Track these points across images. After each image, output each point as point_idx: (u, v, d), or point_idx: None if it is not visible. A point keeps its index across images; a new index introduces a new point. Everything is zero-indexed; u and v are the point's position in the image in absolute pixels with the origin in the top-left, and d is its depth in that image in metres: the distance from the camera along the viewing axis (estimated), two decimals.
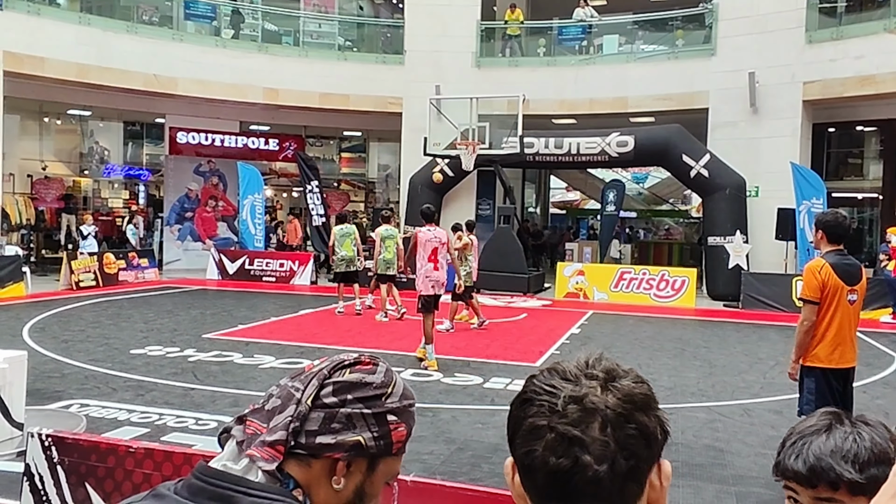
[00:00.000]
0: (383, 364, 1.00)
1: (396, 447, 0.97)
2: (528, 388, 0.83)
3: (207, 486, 0.87)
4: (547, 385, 0.81)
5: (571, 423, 0.77)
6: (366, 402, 0.93)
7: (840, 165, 18.23)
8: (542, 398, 0.80)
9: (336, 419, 0.91)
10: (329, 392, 0.93)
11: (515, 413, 0.83)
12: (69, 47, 14.86)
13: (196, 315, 11.20)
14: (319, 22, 19.02)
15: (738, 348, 9.70)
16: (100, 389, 6.56)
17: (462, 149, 15.17)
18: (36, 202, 17.76)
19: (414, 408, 1.01)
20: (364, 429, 0.93)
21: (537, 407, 0.80)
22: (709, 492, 4.48)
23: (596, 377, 0.81)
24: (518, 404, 0.83)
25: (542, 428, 0.78)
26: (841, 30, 14.75)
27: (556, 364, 0.85)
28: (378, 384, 0.95)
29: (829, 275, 4.18)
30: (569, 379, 0.81)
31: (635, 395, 0.81)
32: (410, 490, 2.25)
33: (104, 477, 2.58)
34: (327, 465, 0.91)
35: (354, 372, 0.95)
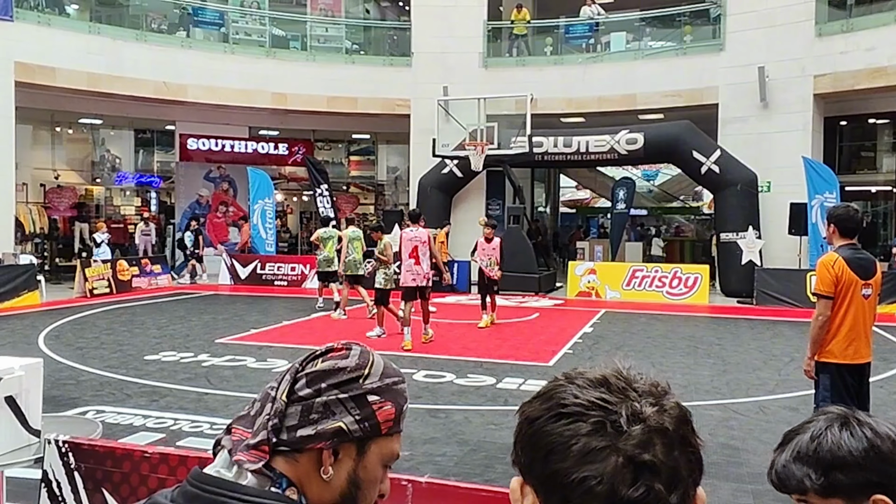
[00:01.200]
0: (358, 347, 0.97)
1: (386, 427, 0.94)
2: (564, 401, 0.71)
3: (202, 493, 0.87)
4: (596, 399, 0.70)
5: (639, 445, 0.67)
6: (341, 388, 0.91)
7: (853, 159, 18.07)
8: (595, 414, 0.69)
9: (314, 409, 0.90)
10: (303, 384, 0.91)
11: (549, 429, 0.71)
12: (80, 57, 14.99)
13: (209, 320, 11.26)
14: (326, 26, 19.08)
15: (753, 345, 9.63)
16: (115, 396, 6.61)
17: (471, 149, 15.16)
18: (49, 211, 17.92)
19: (401, 385, 0.97)
20: (344, 413, 0.91)
21: (591, 424, 0.68)
22: (725, 490, 4.45)
23: (648, 392, 0.73)
24: (553, 418, 0.71)
25: (603, 451, 0.67)
26: (851, 22, 14.62)
27: (582, 373, 0.75)
28: (352, 367, 0.93)
29: (842, 269, 4.12)
30: (616, 391, 0.72)
31: (686, 415, 0.74)
32: (424, 491, 2.25)
33: (120, 482, 2.60)
34: (314, 457, 0.90)
35: (327, 360, 0.94)
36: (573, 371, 0.77)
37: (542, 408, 0.73)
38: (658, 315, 12.48)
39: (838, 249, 4.21)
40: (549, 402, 0.73)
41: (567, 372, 0.77)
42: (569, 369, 0.79)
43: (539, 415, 0.73)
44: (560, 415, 0.71)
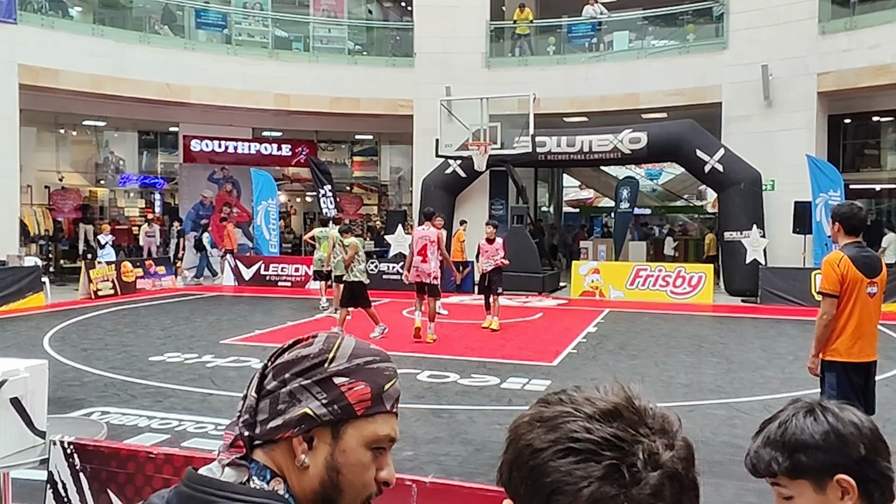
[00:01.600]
0: (324, 334, 0.96)
1: (361, 408, 0.91)
2: (576, 435, 0.66)
3: (195, 494, 0.88)
4: (611, 436, 0.65)
5: (654, 493, 0.64)
6: (305, 374, 0.91)
7: (857, 157, 18.02)
8: (609, 455, 0.64)
9: (280, 400, 0.91)
10: (270, 378, 0.93)
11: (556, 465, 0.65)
12: (83, 59, 15.03)
13: (213, 321, 11.28)
14: (329, 27, 19.11)
15: (757, 344, 9.61)
16: (119, 397, 6.63)
17: (474, 149, 15.16)
18: (53, 213, 17.98)
19: (378, 364, 0.95)
20: (310, 399, 0.90)
21: (605, 468, 0.64)
22: (729, 489, 4.44)
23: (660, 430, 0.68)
24: (560, 454, 0.66)
25: (616, 498, 0.63)
26: (855, 20, 14.58)
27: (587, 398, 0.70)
28: (315, 353, 0.93)
29: (848, 267, 4.09)
30: (629, 427, 0.67)
31: (692, 451, 0.70)
32: (429, 491, 2.26)
33: (125, 483, 2.60)
34: (287, 446, 0.90)
35: (291, 352, 0.94)
36: (578, 394, 0.71)
37: (547, 439, 0.67)
38: (662, 314, 12.46)
39: (843, 248, 4.18)
40: (555, 434, 0.67)
41: (571, 394, 0.72)
42: (571, 388, 0.74)
43: (544, 446, 0.67)
44: (570, 450, 0.66)
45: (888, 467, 1.19)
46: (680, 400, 6.55)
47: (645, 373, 7.70)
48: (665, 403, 4.98)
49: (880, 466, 1.18)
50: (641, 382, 3.81)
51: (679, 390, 6.99)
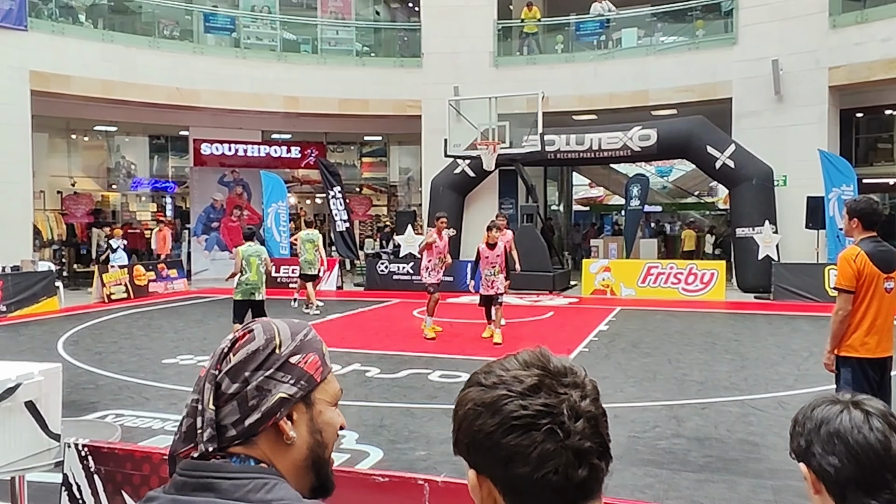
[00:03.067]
0: (257, 324, 1.02)
1: (318, 374, 1.01)
2: (515, 414, 0.81)
3: (189, 479, 0.92)
4: (540, 407, 0.81)
5: (582, 437, 0.81)
6: (263, 366, 0.97)
7: (870, 151, 17.85)
8: (544, 422, 0.81)
9: (249, 398, 0.96)
10: (228, 383, 0.97)
11: (505, 441, 0.81)
12: (93, 64, 15.15)
13: (225, 323, 11.32)
14: (337, 29, 19.15)
15: (771, 340, 9.54)
16: (133, 399, 6.67)
17: (483, 149, 15.14)
18: (66, 218, 18.12)
19: (311, 333, 1.04)
20: (278, 385, 0.97)
21: (544, 433, 0.80)
22: (744, 486, 4.41)
23: (573, 384, 0.84)
24: (506, 431, 0.81)
25: (556, 450, 0.80)
26: (865, 13, 14.45)
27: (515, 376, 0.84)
28: (264, 345, 0.99)
29: (864, 263, 4.07)
30: (552, 393, 0.82)
31: (596, 387, 0.87)
32: (441, 490, 2.25)
33: (140, 485, 2.61)
34: (271, 433, 0.96)
35: (237, 352, 0.99)
36: (505, 372, 0.86)
37: (493, 423, 0.82)
38: (674, 312, 12.39)
39: (860, 243, 4.16)
40: (499, 416, 0.82)
41: (499, 373, 0.86)
42: (496, 363, 0.89)
43: (493, 429, 0.82)
44: (513, 427, 0.81)
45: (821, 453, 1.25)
46: (694, 397, 6.52)
47: (658, 370, 7.65)
48: (679, 401, 4.95)
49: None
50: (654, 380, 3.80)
51: (693, 388, 6.94)
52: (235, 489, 0.90)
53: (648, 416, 5.93)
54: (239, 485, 0.90)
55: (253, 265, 8.63)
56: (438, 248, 9.79)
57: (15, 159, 14.02)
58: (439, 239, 9.82)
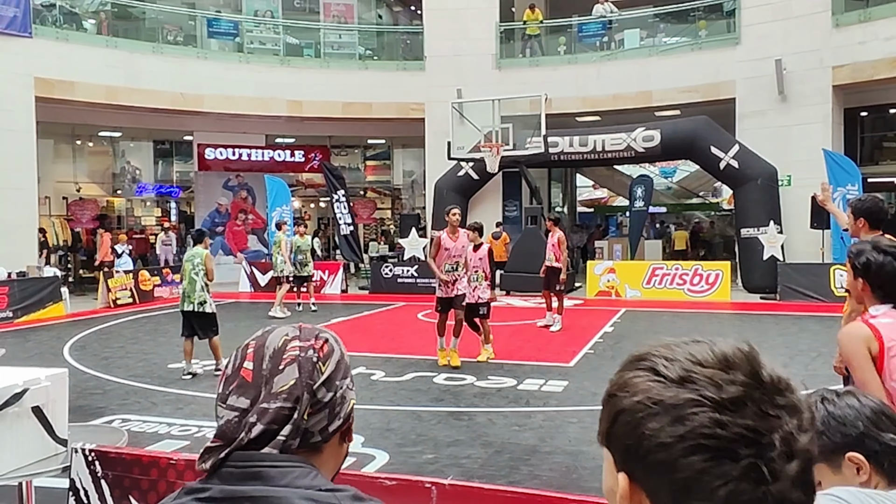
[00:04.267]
0: (327, 332, 1.05)
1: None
2: (707, 431, 0.62)
3: (236, 470, 0.94)
4: (745, 430, 0.62)
5: (793, 484, 0.62)
6: (344, 375, 1.04)
7: (875, 150, 17.79)
8: (745, 452, 0.61)
9: (336, 405, 1.01)
10: (324, 392, 1.01)
11: (687, 463, 0.62)
12: (98, 70, 15.21)
13: (230, 327, 11.32)
14: (339, 33, 19.19)
15: (779, 341, 9.51)
16: (140, 404, 6.67)
17: (486, 151, 15.15)
18: (72, 223, 18.18)
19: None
20: (349, 391, 1.04)
21: (743, 469, 0.61)
22: None
23: (793, 408, 0.65)
24: (689, 449, 0.62)
25: (752, 495, 0.61)
26: (869, 11, 14.41)
27: (711, 380, 0.65)
28: (340, 356, 1.04)
29: None
30: (762, 414, 0.63)
31: (814, 414, 0.68)
32: (449, 493, 2.24)
33: (147, 489, 2.61)
34: (336, 437, 1.02)
35: (326, 363, 1.02)
36: (692, 362, 0.66)
37: (674, 433, 0.63)
38: (680, 313, 12.36)
39: None
40: (683, 428, 0.63)
41: (686, 364, 0.66)
42: (680, 350, 0.68)
43: (671, 441, 0.63)
44: (701, 447, 0.62)
45: (894, 438, 1.30)
46: None
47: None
48: None
49: (884, 438, 1.29)
50: None
51: None
52: (282, 476, 0.93)
53: None
54: (285, 472, 0.93)
55: (186, 272, 7.83)
56: (450, 251, 7.88)
57: (20, 165, 14.08)
58: (451, 240, 7.89)
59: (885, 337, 2.24)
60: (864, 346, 2.30)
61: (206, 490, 0.93)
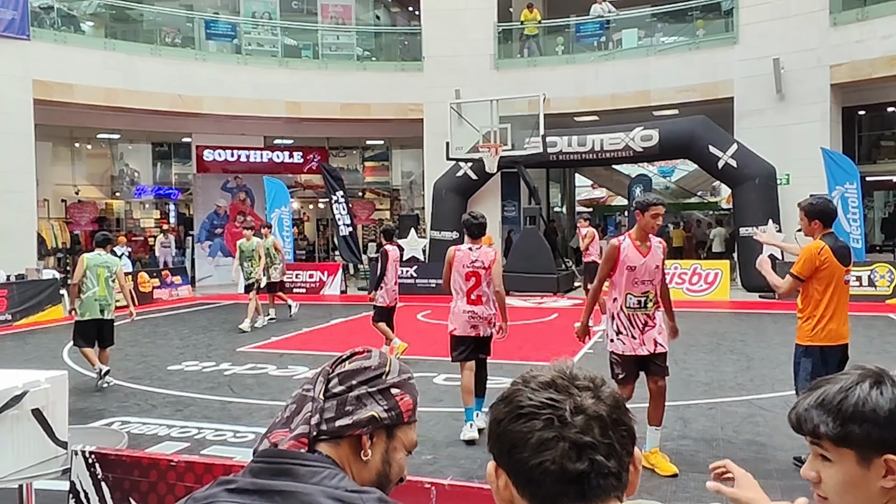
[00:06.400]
0: (376, 350, 1.14)
1: (407, 415, 1.11)
2: (522, 404, 0.88)
3: (266, 466, 0.99)
4: (545, 399, 0.87)
5: (581, 430, 0.85)
6: (369, 383, 1.08)
7: (873, 148, 17.81)
8: (545, 412, 0.86)
9: (348, 403, 1.06)
10: (336, 383, 1.08)
11: (511, 428, 0.87)
12: (96, 73, 15.21)
13: (230, 329, 11.34)
14: (337, 34, 19.19)
15: (777, 340, 9.51)
16: (140, 406, 6.68)
17: (485, 151, 15.16)
18: (71, 226, 18.17)
19: (412, 380, 1.15)
20: (374, 404, 1.07)
21: (543, 421, 0.86)
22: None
23: (587, 388, 0.89)
24: (513, 419, 0.88)
25: (553, 439, 0.85)
26: (866, 10, 14.43)
27: (535, 376, 0.92)
28: (375, 366, 1.10)
29: (828, 257, 4.41)
30: (561, 390, 0.88)
31: (619, 401, 0.91)
32: (448, 493, 2.25)
33: (148, 491, 2.62)
34: (353, 442, 1.06)
35: (353, 362, 1.11)
36: (529, 374, 0.93)
37: (504, 410, 0.90)
38: (679, 312, 12.29)
39: (823, 238, 4.50)
40: (509, 406, 0.89)
41: (525, 374, 0.94)
42: (528, 370, 0.95)
43: (503, 417, 0.89)
44: (518, 415, 0.88)
45: None
46: (700, 398, 6.50)
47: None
48: (685, 402, 4.92)
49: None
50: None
51: (699, 388, 6.92)
52: (312, 475, 0.98)
53: None
54: (315, 471, 0.98)
55: (101, 277, 7.42)
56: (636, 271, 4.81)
57: (19, 168, 14.07)
58: (640, 254, 4.85)
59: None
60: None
61: (235, 482, 0.98)
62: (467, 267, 5.63)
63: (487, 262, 5.65)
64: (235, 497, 0.96)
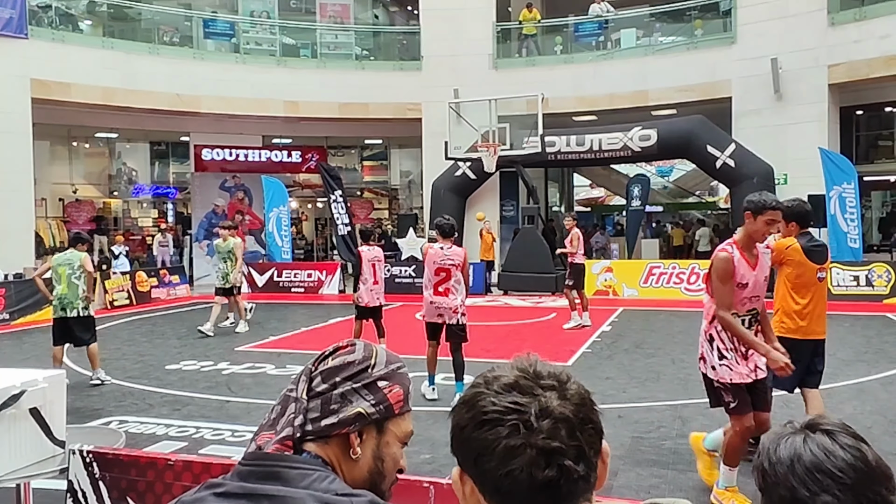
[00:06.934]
0: (360, 342, 1.09)
1: (398, 407, 1.07)
2: (486, 409, 0.83)
3: (255, 469, 0.97)
4: (509, 403, 0.83)
5: (548, 436, 0.81)
6: (354, 378, 1.04)
7: (870, 148, 17.84)
8: (510, 417, 0.82)
9: (332, 401, 1.02)
10: (319, 381, 1.04)
11: (475, 435, 0.83)
12: (94, 72, 15.18)
13: (228, 328, 11.33)
14: (336, 33, 19.18)
15: None
16: (137, 405, 6.67)
17: (483, 151, 15.16)
18: (68, 225, 18.15)
19: (403, 369, 1.10)
20: (360, 400, 1.03)
21: (508, 427, 0.82)
22: (750, 486, 4.39)
23: (551, 387, 0.85)
24: (476, 426, 0.83)
25: (520, 447, 0.81)
26: (864, 10, 14.45)
27: (497, 377, 0.87)
28: (359, 360, 1.05)
29: (795, 253, 4.58)
30: (525, 393, 0.84)
31: (585, 397, 0.87)
32: (447, 493, 2.25)
33: (145, 491, 2.62)
34: (342, 441, 1.02)
35: (336, 357, 1.06)
36: (490, 374, 0.89)
37: (467, 416, 0.85)
38: (677, 311, 12.38)
39: (798, 238, 4.63)
40: (472, 411, 0.85)
41: (486, 374, 0.89)
42: (489, 369, 0.90)
43: (465, 423, 0.85)
44: (483, 422, 0.83)
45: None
46: (698, 397, 6.49)
47: (662, 371, 7.64)
48: (683, 401, 4.92)
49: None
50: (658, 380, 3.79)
51: (697, 388, 6.91)
52: (301, 478, 0.95)
53: (653, 417, 5.92)
54: (305, 474, 0.95)
55: (63, 275, 7.31)
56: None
57: (16, 167, 14.05)
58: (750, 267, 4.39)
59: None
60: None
61: (223, 485, 0.96)
62: (438, 263, 6.33)
63: (458, 260, 6.38)
64: (223, 501, 0.94)
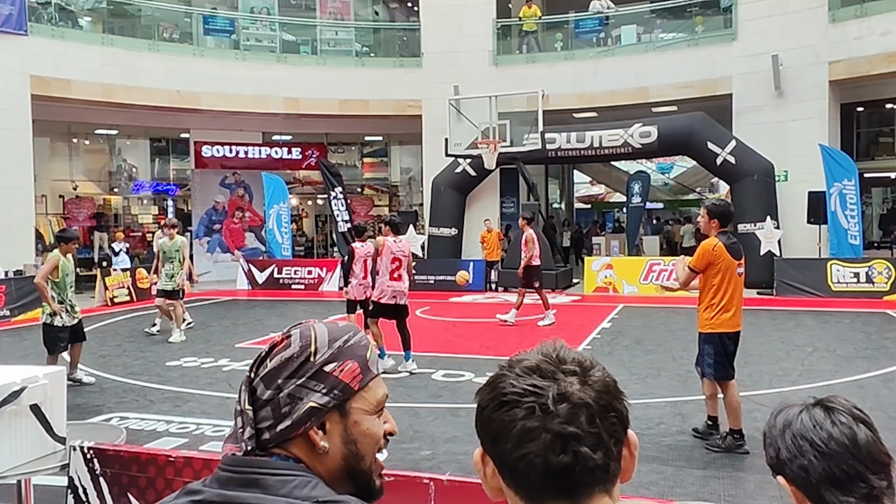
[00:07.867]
0: (296, 330, 1.01)
1: (355, 383, 0.99)
2: (505, 391, 0.83)
3: (234, 475, 0.93)
4: (528, 386, 0.82)
5: (565, 420, 0.80)
6: (296, 374, 0.97)
7: (871, 145, 17.82)
8: (528, 399, 0.81)
9: (281, 404, 0.96)
10: (263, 388, 0.97)
11: (494, 416, 0.83)
12: (94, 68, 15.16)
13: (228, 325, 11.34)
14: (336, 30, 19.15)
15: (774, 336, 9.53)
16: (138, 402, 6.68)
17: (483, 148, 15.14)
18: (68, 222, 18.13)
19: (353, 339, 1.02)
20: (310, 394, 0.96)
21: (525, 409, 0.81)
22: (750, 483, 4.41)
23: (573, 372, 0.84)
24: (496, 407, 0.83)
25: (536, 430, 0.80)
26: (865, 7, 14.43)
27: (520, 360, 0.87)
28: (297, 353, 0.98)
29: (721, 252, 4.95)
30: (546, 376, 0.83)
31: (609, 385, 0.85)
32: (447, 489, 2.26)
33: (146, 487, 2.62)
34: (302, 441, 0.96)
35: (273, 358, 0.99)
36: (515, 357, 0.89)
37: (488, 397, 0.85)
38: (678, 308, 12.37)
39: (717, 236, 5.02)
40: (493, 392, 0.85)
41: (511, 358, 0.89)
42: (515, 354, 0.90)
43: (486, 404, 0.85)
44: (501, 403, 0.83)
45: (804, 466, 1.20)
46: (698, 394, 6.50)
47: (662, 367, 7.65)
48: (684, 398, 4.93)
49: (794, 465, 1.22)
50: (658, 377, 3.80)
51: (697, 384, 6.91)
52: (281, 485, 0.91)
53: (653, 413, 5.93)
54: (284, 481, 0.92)
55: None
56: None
57: (16, 164, 14.05)
58: None
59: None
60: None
61: (202, 493, 0.93)
62: (394, 253, 7.73)
63: (407, 251, 7.88)
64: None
